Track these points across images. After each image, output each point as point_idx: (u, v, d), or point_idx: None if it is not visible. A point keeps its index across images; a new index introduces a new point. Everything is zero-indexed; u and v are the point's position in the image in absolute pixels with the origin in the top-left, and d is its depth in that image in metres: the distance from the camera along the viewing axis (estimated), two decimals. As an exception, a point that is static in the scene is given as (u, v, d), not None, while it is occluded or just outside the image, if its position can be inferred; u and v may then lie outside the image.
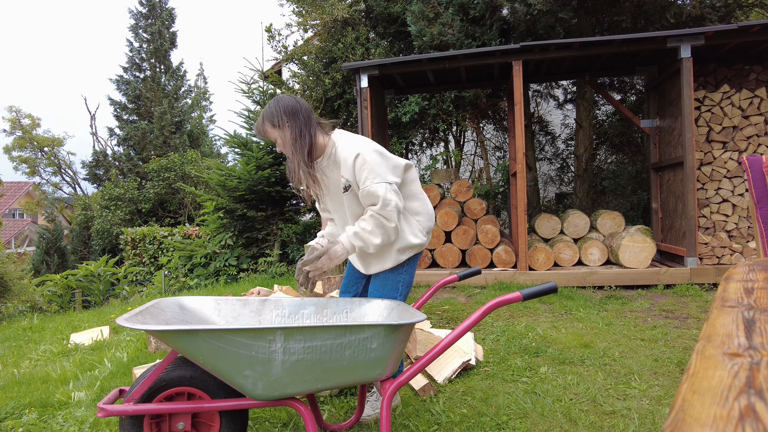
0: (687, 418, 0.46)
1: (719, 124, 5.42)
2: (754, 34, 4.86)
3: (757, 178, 2.76)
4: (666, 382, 2.66)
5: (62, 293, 9.58)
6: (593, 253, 5.57)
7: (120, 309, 6.44)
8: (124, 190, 16.20)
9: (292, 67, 9.28)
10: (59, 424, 2.42)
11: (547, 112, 10.32)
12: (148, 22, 20.70)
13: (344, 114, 8.77)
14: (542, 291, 1.80)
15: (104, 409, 1.73)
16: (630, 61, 6.10)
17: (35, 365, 3.68)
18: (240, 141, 8.76)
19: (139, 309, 1.87)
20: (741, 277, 1.13)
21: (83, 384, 2.97)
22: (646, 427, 2.16)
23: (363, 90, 5.62)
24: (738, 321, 0.76)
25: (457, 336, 1.80)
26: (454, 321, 4.09)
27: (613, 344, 3.33)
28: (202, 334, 1.64)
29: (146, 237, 12.03)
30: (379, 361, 1.75)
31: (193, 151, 17.42)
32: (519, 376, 2.80)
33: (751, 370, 0.55)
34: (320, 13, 7.96)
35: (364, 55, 7.95)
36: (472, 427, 2.21)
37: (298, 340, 1.67)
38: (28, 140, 23.61)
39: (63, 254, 15.48)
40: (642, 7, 6.52)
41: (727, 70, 5.64)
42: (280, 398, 1.76)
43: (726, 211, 5.39)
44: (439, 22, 7.07)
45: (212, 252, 8.77)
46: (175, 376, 1.80)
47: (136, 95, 20.18)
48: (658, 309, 4.30)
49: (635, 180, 8.78)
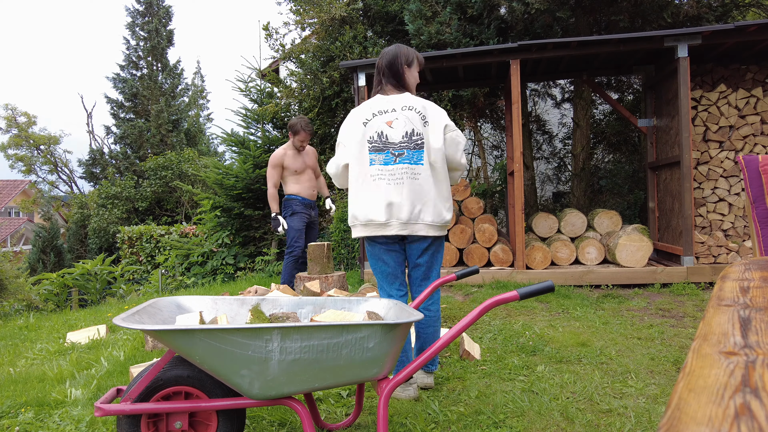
0: (683, 417, 0.46)
1: (716, 123, 5.44)
2: (751, 33, 4.87)
3: (753, 178, 2.77)
4: (662, 381, 2.67)
5: (58, 292, 9.55)
6: (590, 252, 5.58)
7: (117, 308, 6.43)
8: (121, 188, 16.15)
9: (289, 66, 9.26)
10: (56, 423, 2.42)
11: (545, 111, 10.33)
12: (145, 19, 20.63)
13: (342, 113, 8.76)
14: (539, 290, 1.80)
15: (101, 408, 1.73)
16: (627, 61, 6.11)
17: (31, 364, 3.67)
18: (237, 139, 8.74)
19: (136, 308, 1.86)
20: (737, 276, 1.14)
21: (80, 383, 2.97)
22: (643, 425, 2.17)
23: (360, 88, 5.62)
24: (734, 320, 0.76)
25: (454, 335, 1.80)
26: (451, 320, 4.10)
27: (609, 343, 3.34)
28: (198, 334, 1.64)
29: (143, 235, 12.00)
30: (376, 360, 1.75)
31: (191, 149, 17.37)
32: (516, 375, 2.81)
33: (747, 368, 0.56)
34: (318, 12, 7.95)
35: (362, 54, 7.94)
36: (470, 426, 2.22)
37: (295, 339, 1.67)
38: (24, 138, 23.50)
39: (59, 253, 15.43)
40: (639, 7, 6.53)
41: (724, 70, 5.65)
42: (277, 398, 1.76)
43: (722, 210, 5.41)
44: (437, 20, 7.07)
45: (209, 251, 8.76)
46: (172, 376, 1.79)
47: (133, 93, 20.12)
48: (655, 308, 4.31)
49: (632, 179, 8.80)
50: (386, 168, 2.43)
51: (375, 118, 2.48)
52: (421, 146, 2.43)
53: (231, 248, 8.48)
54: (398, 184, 2.40)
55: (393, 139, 2.44)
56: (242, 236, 8.47)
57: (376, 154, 2.45)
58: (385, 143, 2.45)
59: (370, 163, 2.45)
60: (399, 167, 2.42)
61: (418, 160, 2.42)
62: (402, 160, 2.42)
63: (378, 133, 2.46)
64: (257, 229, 8.51)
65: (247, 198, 8.30)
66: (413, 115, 2.46)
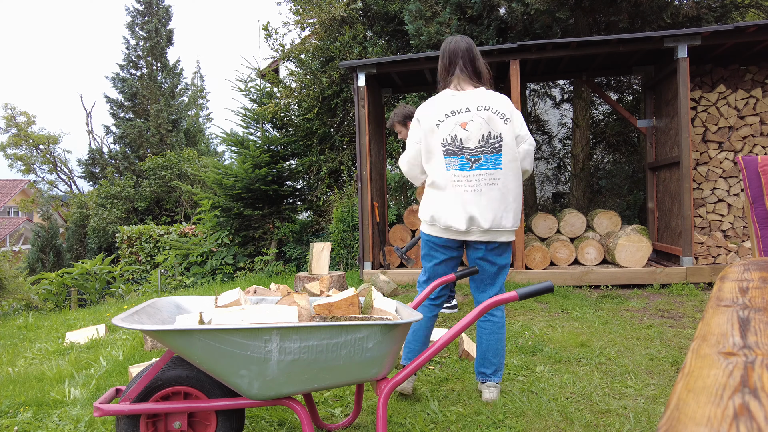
0: (682, 417, 0.46)
1: (715, 124, 5.44)
2: (750, 34, 4.87)
3: (752, 178, 2.77)
4: (661, 381, 2.67)
5: (58, 292, 9.54)
6: (589, 253, 5.59)
7: (116, 307, 6.42)
8: (121, 188, 16.14)
9: (289, 66, 9.26)
10: (54, 423, 2.41)
11: (544, 111, 10.33)
12: (145, 19, 20.62)
13: (341, 113, 8.76)
14: (538, 290, 1.80)
15: (100, 408, 1.72)
16: (627, 61, 6.11)
17: (30, 364, 3.67)
18: (237, 139, 8.74)
19: (135, 308, 1.86)
20: (736, 276, 1.14)
21: (79, 383, 2.96)
22: (642, 425, 2.17)
23: (360, 89, 5.62)
24: (733, 320, 0.76)
25: (453, 335, 1.80)
26: (450, 320, 4.10)
27: (609, 343, 3.35)
28: (197, 334, 1.64)
29: (142, 235, 11.99)
30: (376, 360, 1.75)
31: (190, 149, 17.37)
32: (515, 375, 2.81)
33: (746, 369, 0.56)
34: (317, 12, 7.95)
35: (362, 54, 7.94)
36: (469, 426, 2.22)
37: (294, 339, 1.67)
38: (24, 138, 23.48)
39: (58, 252, 15.41)
40: (639, 7, 6.53)
41: (723, 71, 5.66)
42: (276, 398, 1.76)
43: (721, 210, 5.41)
44: (437, 21, 7.07)
45: (209, 250, 8.75)
46: (171, 376, 1.79)
47: (132, 93, 20.11)
48: (654, 308, 4.31)
49: (632, 179, 8.80)
50: (462, 174, 2.30)
51: (448, 120, 2.32)
52: (498, 149, 2.30)
53: (230, 248, 8.48)
54: (476, 191, 2.29)
55: (468, 144, 2.30)
56: (241, 236, 8.47)
57: (451, 159, 2.31)
58: (460, 147, 2.31)
59: (446, 168, 2.32)
60: (476, 174, 2.29)
61: (497, 164, 2.30)
62: (479, 166, 2.29)
63: (452, 136, 2.31)
64: (256, 229, 8.51)
65: (247, 198, 8.30)
66: (490, 116, 2.31)
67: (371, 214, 5.72)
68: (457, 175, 2.30)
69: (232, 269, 8.29)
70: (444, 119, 2.32)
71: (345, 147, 8.64)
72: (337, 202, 7.99)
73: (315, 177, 8.87)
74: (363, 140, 5.66)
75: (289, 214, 8.81)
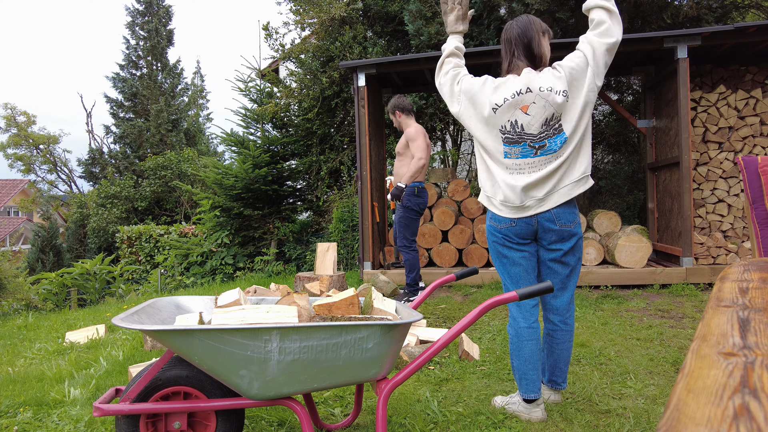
0: (682, 417, 0.46)
1: (715, 124, 5.44)
2: (750, 35, 4.87)
3: (752, 179, 2.77)
4: (661, 382, 2.67)
5: (57, 291, 9.55)
6: (589, 253, 5.59)
7: (116, 307, 6.42)
8: (121, 188, 16.14)
9: (289, 66, 9.26)
10: (54, 423, 2.41)
11: (544, 111, 10.32)
12: (145, 19, 20.62)
13: (341, 113, 8.76)
14: (538, 290, 1.80)
15: (100, 408, 1.72)
16: (627, 62, 6.11)
17: (30, 364, 3.67)
18: (237, 139, 8.74)
19: (135, 308, 1.86)
20: (736, 277, 1.14)
21: (78, 382, 2.96)
22: (642, 426, 2.17)
23: (360, 89, 5.62)
24: (733, 321, 0.76)
25: (453, 335, 1.80)
26: (450, 320, 4.10)
27: (608, 343, 3.35)
28: (197, 334, 1.64)
29: (142, 235, 12.00)
30: (376, 360, 1.75)
31: (190, 149, 17.37)
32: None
33: (746, 369, 0.56)
34: (318, 12, 7.95)
35: (362, 54, 7.94)
36: (469, 426, 2.22)
37: (294, 339, 1.67)
38: (24, 138, 23.49)
39: (58, 252, 15.41)
40: (639, 8, 6.53)
41: (723, 71, 5.66)
42: (276, 398, 1.76)
43: (721, 211, 5.41)
44: (437, 21, 7.07)
45: (209, 250, 8.76)
46: (171, 376, 1.79)
47: (132, 93, 20.11)
48: (654, 308, 4.31)
49: (632, 180, 8.80)
50: (525, 161, 2.14)
51: (506, 104, 2.13)
52: (561, 129, 2.12)
53: (230, 248, 8.48)
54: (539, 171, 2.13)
55: (531, 130, 2.12)
56: (241, 236, 8.48)
57: (510, 147, 2.15)
58: (521, 134, 2.13)
59: (504, 156, 2.16)
60: (540, 159, 2.13)
61: (562, 143, 2.11)
62: (544, 152, 2.12)
63: (512, 122, 2.13)
64: (256, 229, 8.51)
65: (247, 198, 8.30)
66: (553, 97, 2.11)
67: (371, 214, 5.72)
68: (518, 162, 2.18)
69: (232, 269, 8.29)
70: (502, 103, 2.15)
71: (345, 147, 8.64)
72: (337, 202, 7.99)
73: (315, 177, 8.87)
74: (363, 140, 5.66)
75: (289, 214, 8.81)
